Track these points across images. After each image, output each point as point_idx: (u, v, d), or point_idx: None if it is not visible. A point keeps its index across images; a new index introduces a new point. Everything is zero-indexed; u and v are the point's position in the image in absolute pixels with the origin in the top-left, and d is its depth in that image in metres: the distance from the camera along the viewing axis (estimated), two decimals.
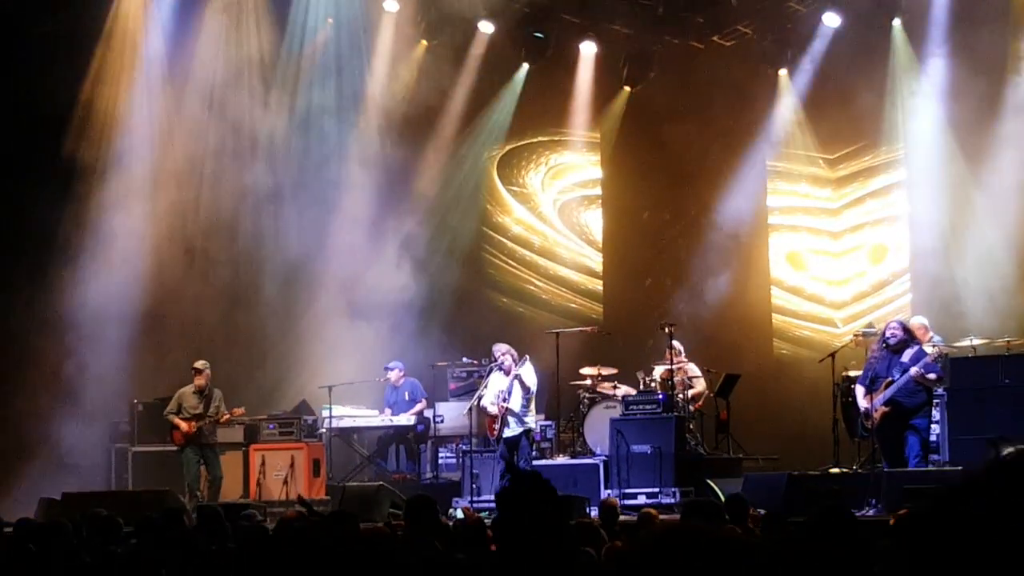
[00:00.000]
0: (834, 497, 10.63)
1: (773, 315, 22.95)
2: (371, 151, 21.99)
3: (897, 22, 21.02)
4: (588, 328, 21.01)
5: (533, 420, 17.12)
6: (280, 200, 21.19)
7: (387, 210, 21.97)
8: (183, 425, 17.64)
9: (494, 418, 16.74)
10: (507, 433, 16.59)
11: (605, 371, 19.15)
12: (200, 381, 17.82)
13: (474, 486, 17.42)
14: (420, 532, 7.11)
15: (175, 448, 17.91)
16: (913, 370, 14.59)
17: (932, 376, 14.74)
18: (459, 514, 14.24)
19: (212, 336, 20.11)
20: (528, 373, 16.67)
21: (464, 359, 20.33)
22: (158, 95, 20.41)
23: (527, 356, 16.90)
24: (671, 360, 18.03)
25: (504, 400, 16.56)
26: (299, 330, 21.01)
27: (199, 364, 17.94)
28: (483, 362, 19.26)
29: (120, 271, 19.56)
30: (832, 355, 17.06)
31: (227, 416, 17.87)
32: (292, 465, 17.97)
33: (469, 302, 22.52)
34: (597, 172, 24.23)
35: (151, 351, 19.82)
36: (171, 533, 8.60)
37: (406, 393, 19.42)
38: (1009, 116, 19.66)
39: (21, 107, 18.75)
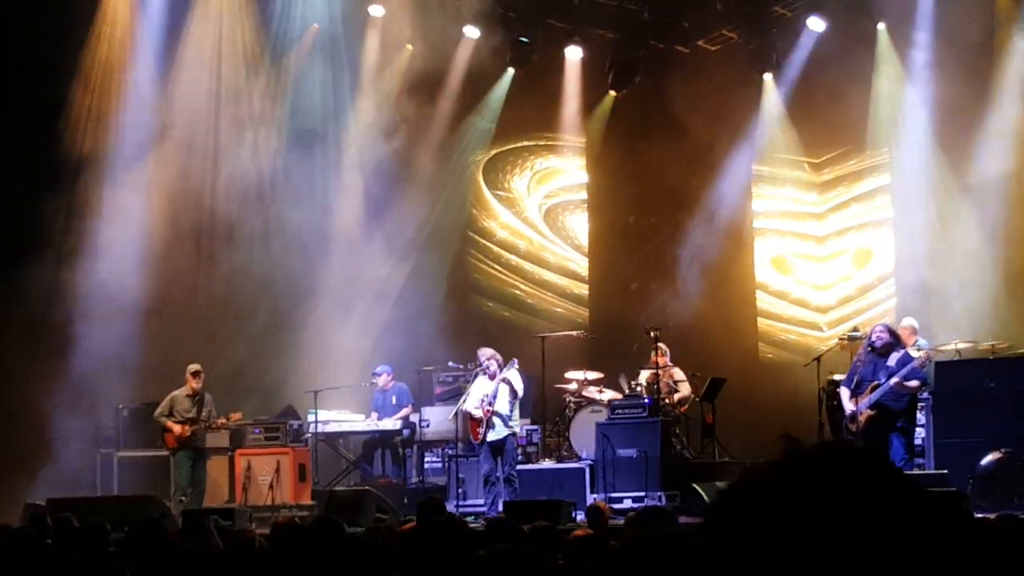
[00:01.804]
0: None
1: (758, 319, 22.99)
2: (356, 156, 22.00)
3: (882, 26, 21.05)
4: (574, 332, 21.03)
5: (517, 425, 17.14)
6: (265, 208, 21.17)
7: (372, 215, 21.98)
8: (177, 428, 17.57)
9: (478, 422, 16.71)
10: (492, 436, 16.57)
11: (591, 375, 19.17)
12: (195, 384, 17.78)
13: (460, 491, 17.41)
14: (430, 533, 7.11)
15: (164, 452, 17.88)
16: (893, 380, 14.61)
17: (913, 383, 14.75)
18: None
19: (197, 341, 20.04)
20: (516, 377, 16.67)
21: (450, 363, 20.33)
22: (150, 88, 20.43)
23: (515, 360, 16.88)
24: (656, 364, 18.07)
25: (489, 404, 16.55)
26: (284, 335, 20.97)
27: (195, 367, 17.89)
28: (469, 367, 19.27)
29: (104, 276, 19.53)
30: (817, 359, 17.09)
31: (223, 421, 17.85)
32: (278, 470, 17.92)
33: (455, 306, 22.51)
34: (583, 176, 24.25)
35: (136, 356, 19.76)
36: (152, 539, 8.59)
37: (393, 397, 19.40)
38: (994, 121, 19.70)
39: (12, 101, 18.75)
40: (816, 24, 21.25)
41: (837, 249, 22.54)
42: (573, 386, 19.06)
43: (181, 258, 20.43)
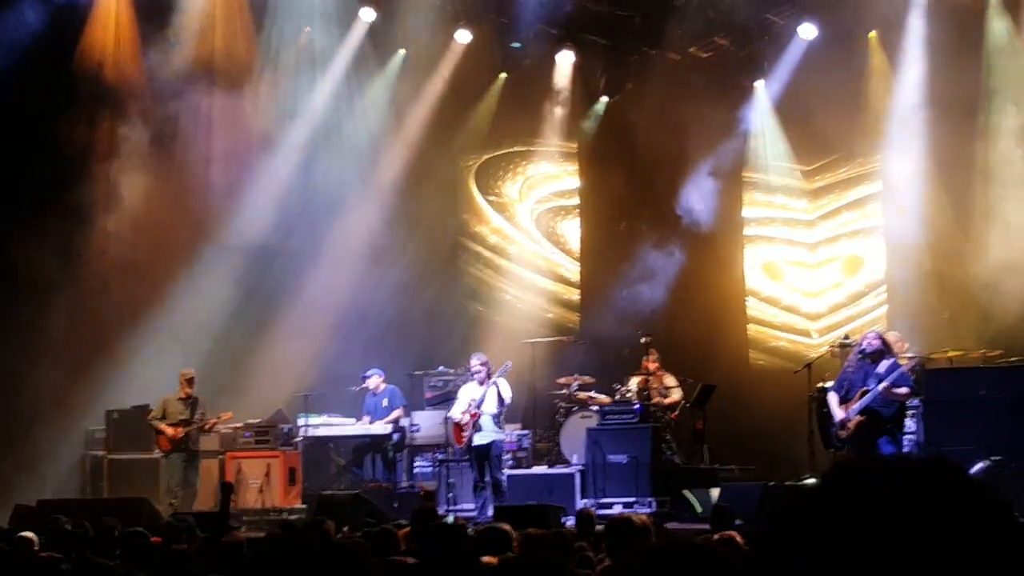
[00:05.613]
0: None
1: (749, 325, 23.00)
2: (348, 160, 21.99)
3: (873, 34, 21.11)
4: (564, 338, 21.04)
5: (504, 432, 17.18)
6: (256, 210, 21.15)
7: (364, 219, 21.95)
8: (169, 431, 17.63)
9: (461, 427, 16.74)
10: (478, 440, 16.59)
11: (581, 381, 19.18)
12: (188, 389, 17.86)
13: (450, 495, 17.41)
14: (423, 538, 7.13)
15: (154, 455, 17.91)
16: (882, 386, 14.63)
17: (902, 391, 14.77)
18: (449, 519, 14.25)
19: (187, 343, 20.02)
20: (505, 384, 16.70)
21: (440, 367, 20.31)
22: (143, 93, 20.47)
23: (509, 363, 16.90)
24: (647, 369, 18.08)
25: (477, 407, 16.58)
26: (275, 338, 20.94)
27: (189, 374, 17.94)
28: (459, 371, 19.27)
29: (93, 278, 19.52)
30: (808, 366, 17.13)
31: (214, 422, 17.89)
32: (268, 474, 17.93)
33: (446, 311, 22.50)
34: (574, 182, 24.24)
35: (126, 358, 19.73)
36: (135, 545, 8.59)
37: (385, 400, 19.37)
38: (985, 128, 19.75)
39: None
40: (807, 31, 21.29)
41: (828, 256, 22.58)
42: (563, 391, 19.07)
43: (174, 263, 20.40)
